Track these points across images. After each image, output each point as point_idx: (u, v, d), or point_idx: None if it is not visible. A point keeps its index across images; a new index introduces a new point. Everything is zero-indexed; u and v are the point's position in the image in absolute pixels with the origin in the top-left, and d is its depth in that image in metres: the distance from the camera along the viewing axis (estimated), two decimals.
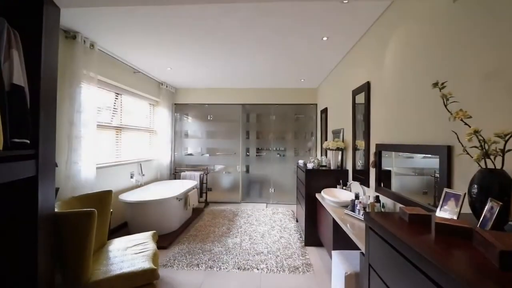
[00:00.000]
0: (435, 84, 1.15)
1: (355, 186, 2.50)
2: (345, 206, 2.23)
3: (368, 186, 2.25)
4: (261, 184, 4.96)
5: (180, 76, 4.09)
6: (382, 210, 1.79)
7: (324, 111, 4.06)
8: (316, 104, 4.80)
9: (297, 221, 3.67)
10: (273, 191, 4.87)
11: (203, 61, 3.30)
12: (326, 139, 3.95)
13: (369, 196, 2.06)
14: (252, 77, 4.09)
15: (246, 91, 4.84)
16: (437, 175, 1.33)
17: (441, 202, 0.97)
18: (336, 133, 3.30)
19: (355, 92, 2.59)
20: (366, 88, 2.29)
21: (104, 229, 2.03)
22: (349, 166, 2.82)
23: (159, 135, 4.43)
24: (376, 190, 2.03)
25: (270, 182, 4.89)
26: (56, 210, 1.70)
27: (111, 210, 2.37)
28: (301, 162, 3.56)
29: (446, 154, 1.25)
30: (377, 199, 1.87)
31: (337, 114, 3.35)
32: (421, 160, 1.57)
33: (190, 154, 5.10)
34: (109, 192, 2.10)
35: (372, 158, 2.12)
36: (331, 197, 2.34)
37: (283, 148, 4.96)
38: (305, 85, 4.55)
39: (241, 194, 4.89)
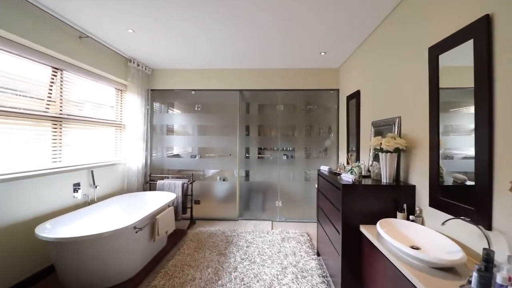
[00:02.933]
0: None
1: (456, 224, 1.31)
2: (441, 269, 1.09)
3: (488, 227, 1.10)
4: (264, 194, 3.80)
5: (153, 48, 2.94)
6: None
7: (354, 96, 2.90)
8: (338, 90, 3.63)
9: (318, 254, 2.53)
10: (280, 204, 3.71)
11: (177, 16, 2.15)
12: (357, 136, 2.80)
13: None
14: (253, 52, 2.93)
15: (245, 73, 3.67)
16: None
17: None
18: (382, 126, 2.15)
19: (438, 49, 1.43)
20: (482, 28, 1.14)
21: None
22: (416, 180, 1.67)
23: (128, 130, 3.30)
24: None
25: (276, 192, 3.73)
26: None
27: None
28: (324, 168, 2.42)
29: None
30: None
31: (385, 96, 2.19)
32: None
33: (177, 155, 3.97)
34: None
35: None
36: (403, 245, 1.20)
37: (291, 148, 3.81)
38: (325, 63, 3.38)
39: (238, 208, 3.73)
